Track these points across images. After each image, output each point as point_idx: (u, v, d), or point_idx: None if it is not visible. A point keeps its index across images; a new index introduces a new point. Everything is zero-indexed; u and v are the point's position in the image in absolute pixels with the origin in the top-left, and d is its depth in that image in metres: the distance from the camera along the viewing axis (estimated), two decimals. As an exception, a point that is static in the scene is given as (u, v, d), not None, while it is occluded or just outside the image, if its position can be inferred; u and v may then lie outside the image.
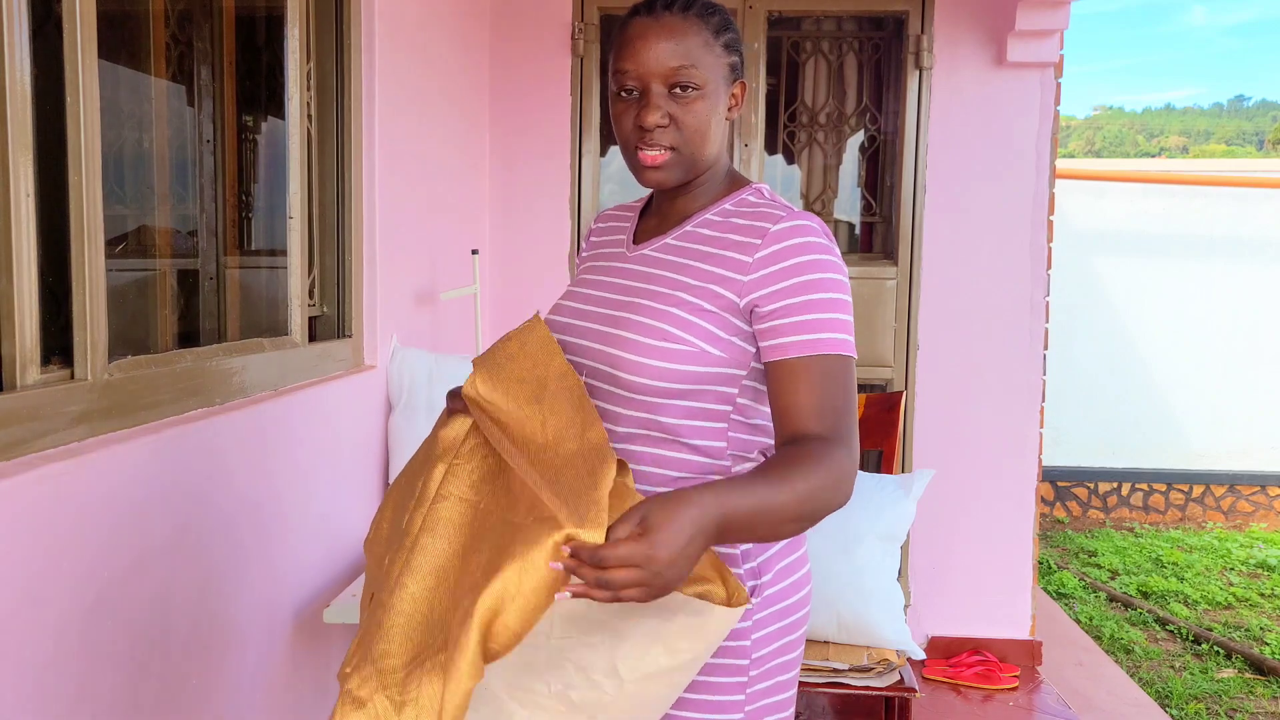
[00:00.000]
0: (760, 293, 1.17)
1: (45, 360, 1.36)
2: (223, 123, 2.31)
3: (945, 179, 3.52)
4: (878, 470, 2.87)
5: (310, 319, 2.25)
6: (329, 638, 2.18)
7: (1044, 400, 3.56)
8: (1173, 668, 4.05)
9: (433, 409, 2.39)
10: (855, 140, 3.81)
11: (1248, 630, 4.46)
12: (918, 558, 3.58)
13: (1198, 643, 4.31)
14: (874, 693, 2.28)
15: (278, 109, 2.24)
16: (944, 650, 3.58)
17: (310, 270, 2.28)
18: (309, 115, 2.26)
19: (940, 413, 3.57)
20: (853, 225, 3.87)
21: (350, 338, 2.39)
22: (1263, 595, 4.97)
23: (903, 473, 3.09)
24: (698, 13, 1.21)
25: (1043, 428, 3.58)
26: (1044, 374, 3.56)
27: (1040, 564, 4.89)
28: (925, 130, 3.51)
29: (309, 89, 2.25)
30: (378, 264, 2.43)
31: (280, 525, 1.93)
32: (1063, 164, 6.27)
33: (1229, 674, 3.99)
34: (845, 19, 3.70)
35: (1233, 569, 5.40)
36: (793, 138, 3.77)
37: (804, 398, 1.13)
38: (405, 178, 2.63)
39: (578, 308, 1.31)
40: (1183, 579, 5.16)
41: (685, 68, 1.19)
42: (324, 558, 2.15)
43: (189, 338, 2.28)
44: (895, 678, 2.30)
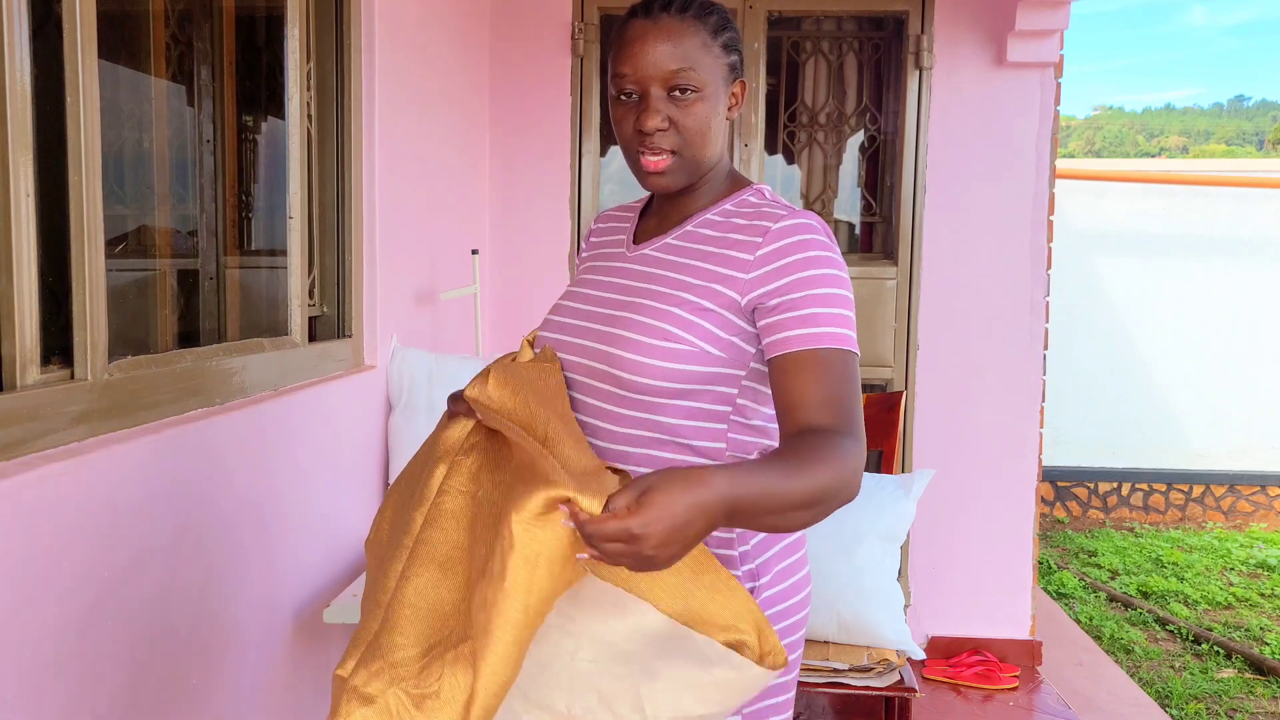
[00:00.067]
0: (762, 290, 1.17)
1: (45, 360, 1.36)
2: (223, 123, 2.31)
3: (945, 179, 3.52)
4: (878, 470, 2.87)
5: (310, 319, 2.25)
6: (329, 638, 2.18)
7: (1044, 400, 3.56)
8: (1173, 668, 4.05)
9: (433, 409, 2.39)
10: (855, 140, 3.81)
11: (1248, 630, 4.46)
12: (918, 558, 3.58)
13: (1198, 643, 4.31)
14: (874, 693, 2.28)
15: (278, 109, 2.24)
16: (944, 650, 3.58)
17: (310, 270, 2.28)
18: (309, 115, 2.26)
19: (940, 413, 3.57)
20: (853, 225, 3.87)
21: (350, 338, 2.39)
22: (1263, 595, 4.97)
23: (903, 473, 3.09)
24: (695, 13, 1.21)
25: (1043, 428, 3.58)
26: (1044, 374, 3.56)
27: (1040, 564, 4.89)
28: (925, 130, 3.51)
29: (309, 89, 2.25)
30: (378, 264, 2.43)
31: (280, 525, 1.93)
32: (1063, 164, 6.26)
33: (1229, 674, 3.99)
34: (845, 19, 3.70)
35: (1233, 569, 5.40)
36: (793, 138, 3.77)
37: (810, 391, 1.11)
38: (405, 178, 2.63)
39: (578, 308, 1.31)
40: (1183, 579, 5.16)
41: (684, 70, 1.19)
42: (324, 558, 2.15)
43: (189, 338, 2.28)
44: (895, 678, 2.30)
